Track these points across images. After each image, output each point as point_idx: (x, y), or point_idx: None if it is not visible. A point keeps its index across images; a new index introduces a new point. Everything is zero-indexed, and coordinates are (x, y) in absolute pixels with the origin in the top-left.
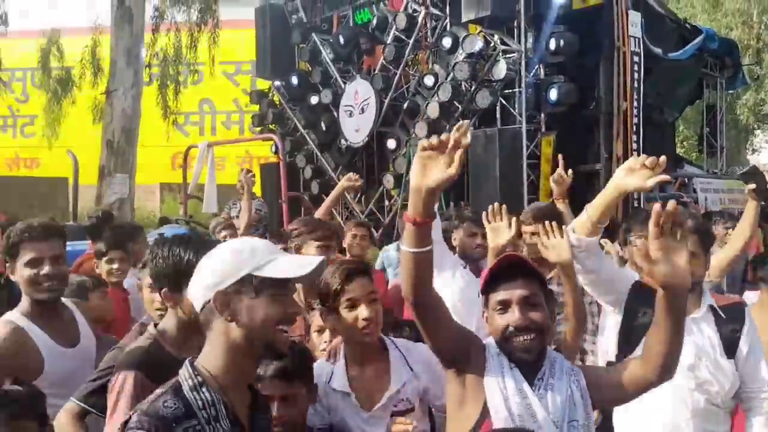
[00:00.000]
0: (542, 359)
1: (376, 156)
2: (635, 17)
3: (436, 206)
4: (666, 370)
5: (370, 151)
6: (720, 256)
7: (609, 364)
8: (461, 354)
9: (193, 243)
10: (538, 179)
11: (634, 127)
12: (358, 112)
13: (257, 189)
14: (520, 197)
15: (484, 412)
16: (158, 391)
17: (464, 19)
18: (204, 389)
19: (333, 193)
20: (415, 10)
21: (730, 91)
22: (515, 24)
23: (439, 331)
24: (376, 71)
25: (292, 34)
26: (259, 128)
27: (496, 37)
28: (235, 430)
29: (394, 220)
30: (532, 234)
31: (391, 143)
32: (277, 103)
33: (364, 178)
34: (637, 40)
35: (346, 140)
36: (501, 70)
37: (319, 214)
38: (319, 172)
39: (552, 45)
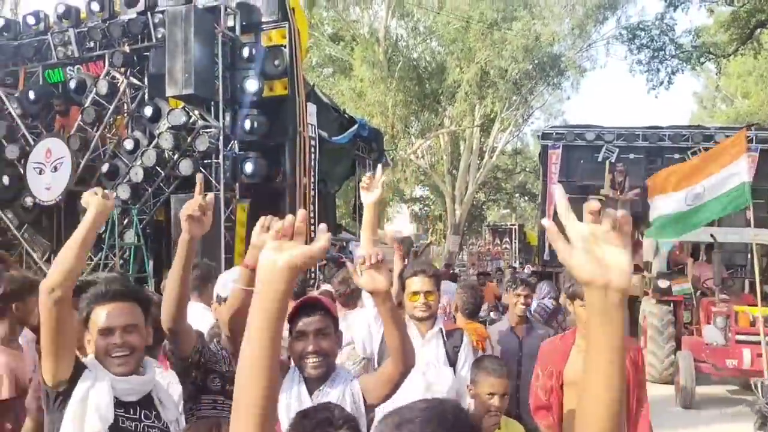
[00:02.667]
0: (328, 375)
1: (68, 215)
2: (312, 108)
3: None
4: (402, 362)
5: (62, 211)
6: None
7: None
8: None
9: None
10: (233, 240)
11: (312, 197)
12: (50, 170)
13: None
14: (218, 256)
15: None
16: None
17: (168, 94)
18: None
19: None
20: (114, 77)
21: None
22: (212, 103)
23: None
24: (73, 131)
25: None
26: None
27: (196, 112)
28: None
29: None
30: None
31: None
32: None
33: (54, 237)
34: (313, 126)
35: (33, 198)
36: (203, 142)
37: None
38: None
39: (246, 125)
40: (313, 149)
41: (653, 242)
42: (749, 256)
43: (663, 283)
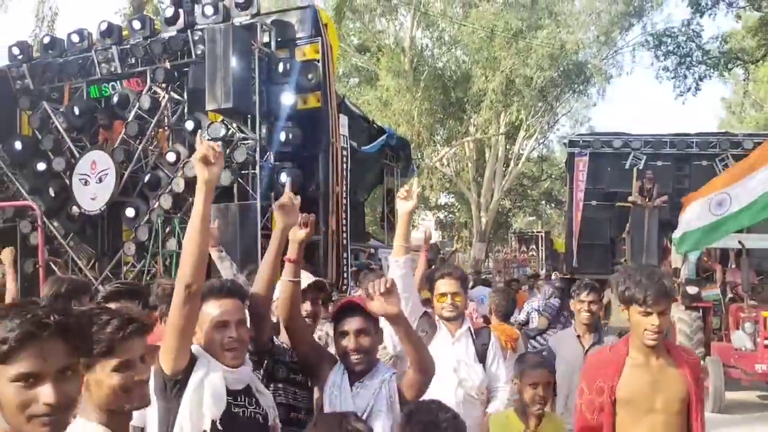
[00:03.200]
0: (369, 369)
1: (112, 224)
2: (344, 120)
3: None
4: (422, 372)
5: (106, 220)
6: None
7: None
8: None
9: None
10: None
11: (344, 206)
12: (95, 181)
13: None
14: (256, 262)
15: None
16: None
17: (208, 108)
18: None
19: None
20: (156, 92)
21: (403, 178)
22: (249, 116)
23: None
24: (117, 144)
25: (17, 99)
26: None
27: (234, 125)
28: None
29: None
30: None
31: (130, 212)
32: None
33: (98, 246)
34: (345, 137)
35: (79, 207)
36: (242, 154)
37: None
38: (47, 238)
39: (282, 137)
40: (345, 159)
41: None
42: None
43: (692, 290)
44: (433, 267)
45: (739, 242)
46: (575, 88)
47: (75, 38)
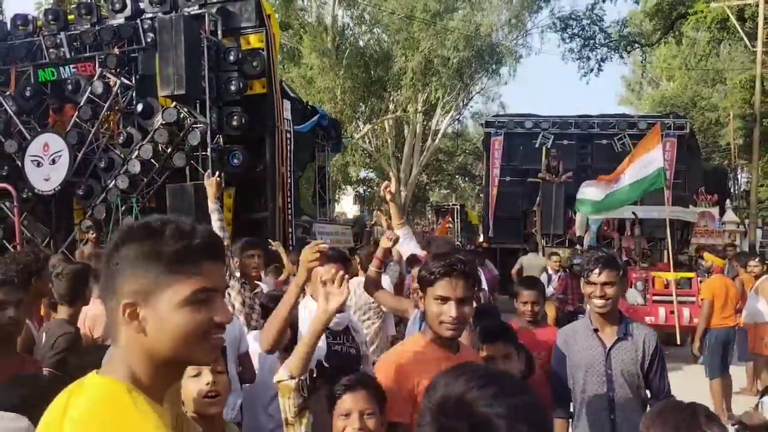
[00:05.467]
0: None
1: (64, 204)
2: (287, 104)
3: None
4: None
5: (58, 200)
6: None
7: None
8: None
9: None
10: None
11: (288, 185)
12: (48, 162)
13: None
14: None
15: None
16: None
17: (161, 94)
18: None
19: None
20: (107, 77)
21: (333, 154)
22: (199, 102)
23: None
24: (69, 127)
25: None
26: None
27: (186, 110)
28: None
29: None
30: None
31: (81, 192)
32: None
33: (52, 224)
34: (288, 121)
35: (32, 188)
36: (195, 137)
37: None
38: None
39: (233, 121)
40: (289, 141)
41: (584, 219)
42: (667, 230)
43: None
44: (361, 241)
45: (633, 213)
46: (488, 68)
47: (19, 22)
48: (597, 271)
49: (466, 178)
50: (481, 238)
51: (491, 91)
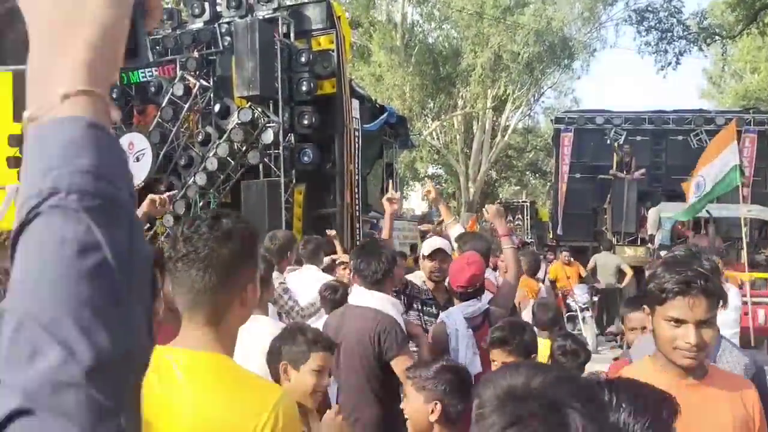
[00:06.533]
0: None
1: (144, 198)
2: (356, 104)
3: None
4: None
5: (142, 195)
6: None
7: None
8: None
9: None
10: (292, 219)
11: (356, 182)
12: (133, 160)
13: None
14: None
15: None
16: None
17: (238, 94)
18: None
19: None
20: (187, 80)
21: (401, 151)
22: (272, 102)
23: None
24: (152, 127)
25: None
26: (15, 170)
27: (260, 109)
28: None
29: None
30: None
31: (163, 188)
32: None
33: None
34: (357, 120)
35: None
36: (268, 136)
37: None
38: None
39: (304, 120)
40: (357, 139)
41: (656, 217)
42: (742, 228)
43: (665, 254)
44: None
45: (707, 211)
46: (560, 63)
47: None
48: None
49: (537, 175)
50: (550, 236)
51: (564, 85)
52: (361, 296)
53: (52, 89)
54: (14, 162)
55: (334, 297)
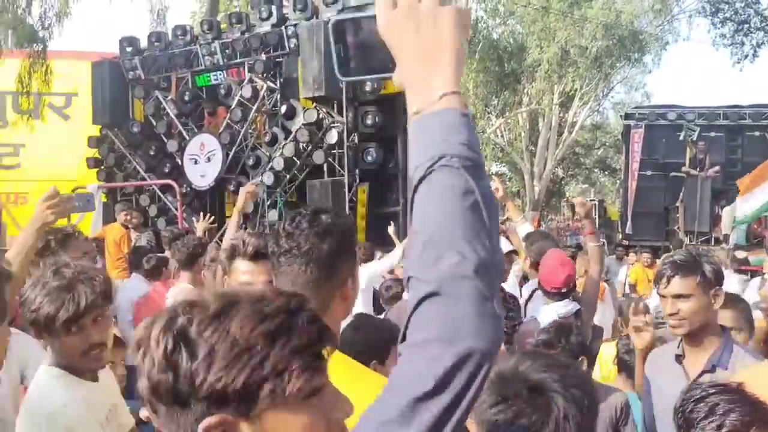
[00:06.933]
0: None
1: (217, 198)
2: None
3: None
4: None
5: (212, 194)
6: None
7: None
8: None
9: None
10: (356, 217)
11: None
12: (204, 160)
13: None
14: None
15: None
16: None
17: (303, 96)
18: None
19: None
20: (255, 82)
21: None
22: (336, 102)
23: None
24: (222, 128)
25: (132, 88)
26: (95, 170)
27: (324, 110)
28: None
29: None
30: None
31: (232, 187)
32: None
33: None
34: None
35: (190, 184)
36: (333, 136)
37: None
38: (162, 210)
39: (368, 120)
40: None
41: (731, 216)
42: None
43: (740, 254)
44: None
45: None
46: (630, 57)
47: (178, 32)
48: (665, 280)
49: (606, 172)
50: (619, 236)
51: (634, 80)
52: None
53: (432, 92)
54: (93, 162)
55: (394, 293)
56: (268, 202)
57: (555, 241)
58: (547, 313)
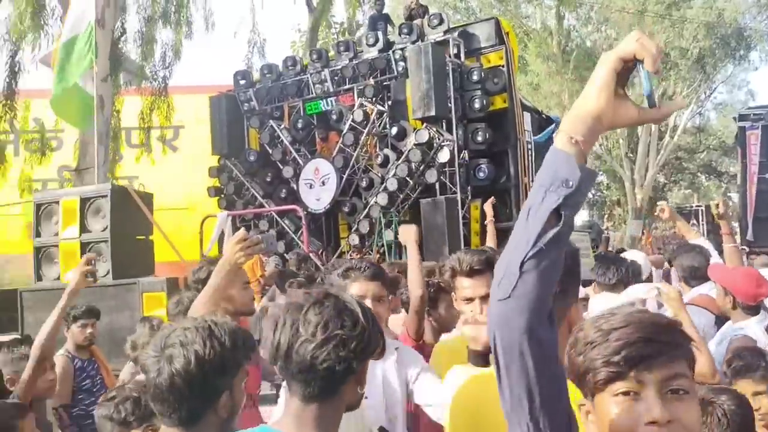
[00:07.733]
0: None
1: (332, 221)
2: (527, 117)
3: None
4: None
5: (327, 217)
6: None
7: None
8: None
9: None
10: (470, 234)
11: None
12: (318, 184)
13: None
14: (458, 249)
15: None
16: None
17: (413, 116)
18: None
19: None
20: (365, 106)
21: None
22: (445, 121)
23: None
24: (335, 153)
25: (247, 119)
26: (216, 198)
27: (434, 129)
28: None
29: None
30: None
31: (346, 209)
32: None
33: (324, 239)
34: (529, 132)
35: (306, 207)
36: (445, 154)
37: None
38: (281, 234)
39: (478, 137)
40: (530, 152)
41: None
42: None
43: None
44: (598, 247)
45: None
46: (735, 55)
47: (289, 63)
48: None
49: (711, 177)
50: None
51: (737, 78)
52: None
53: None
54: (214, 191)
55: None
56: (384, 221)
57: (706, 256)
58: (747, 326)
